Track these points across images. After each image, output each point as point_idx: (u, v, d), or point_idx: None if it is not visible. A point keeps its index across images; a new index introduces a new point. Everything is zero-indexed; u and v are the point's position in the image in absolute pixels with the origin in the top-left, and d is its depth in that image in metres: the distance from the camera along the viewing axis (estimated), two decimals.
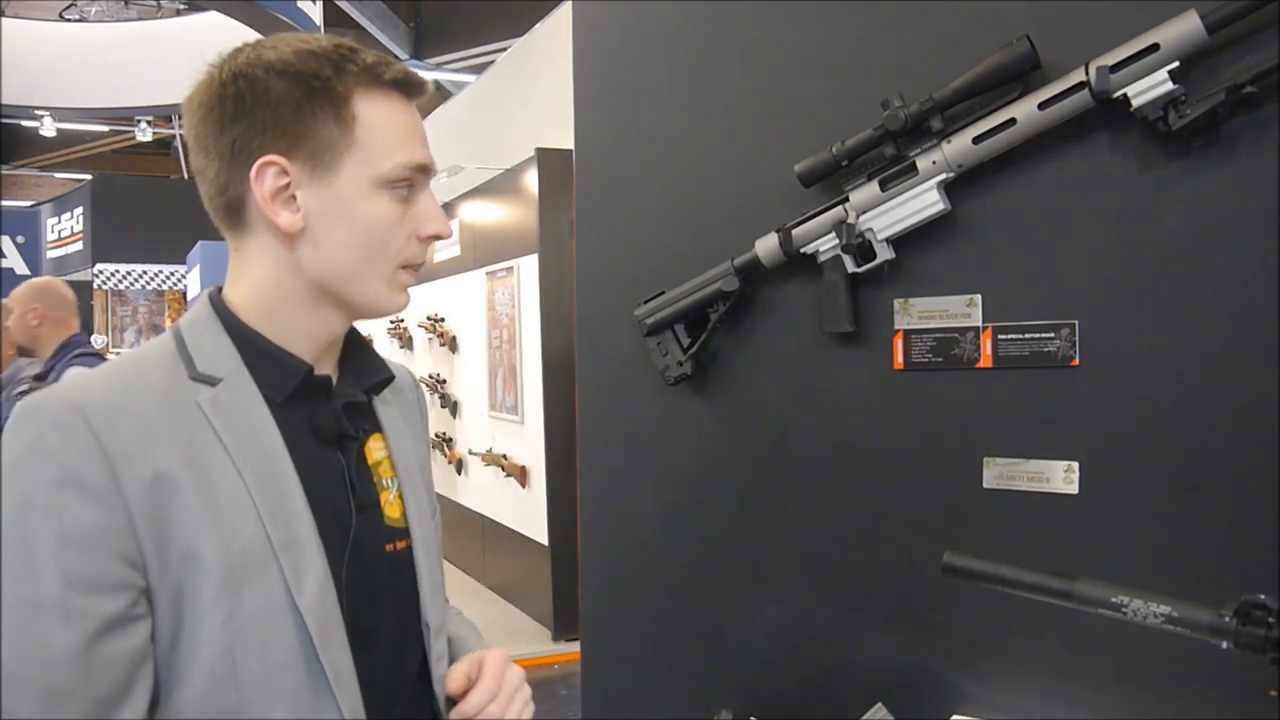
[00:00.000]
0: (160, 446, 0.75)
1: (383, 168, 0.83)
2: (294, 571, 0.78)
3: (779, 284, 1.43)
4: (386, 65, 0.85)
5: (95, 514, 0.72)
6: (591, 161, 1.67)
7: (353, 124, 0.82)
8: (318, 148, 0.81)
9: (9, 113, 9.43)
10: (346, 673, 0.80)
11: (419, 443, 1.01)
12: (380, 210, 0.83)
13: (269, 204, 0.82)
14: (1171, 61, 1.04)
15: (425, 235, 0.87)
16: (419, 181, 0.86)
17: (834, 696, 1.38)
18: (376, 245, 0.84)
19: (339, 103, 0.81)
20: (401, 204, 0.85)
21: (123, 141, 12.94)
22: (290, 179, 0.82)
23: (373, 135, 0.82)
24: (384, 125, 0.83)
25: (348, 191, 0.82)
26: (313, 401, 0.86)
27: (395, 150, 0.83)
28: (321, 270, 0.84)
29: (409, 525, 0.92)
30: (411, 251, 0.86)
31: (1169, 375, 1.12)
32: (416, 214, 0.86)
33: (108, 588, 0.72)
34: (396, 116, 0.84)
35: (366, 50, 0.85)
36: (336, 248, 0.83)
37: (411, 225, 0.86)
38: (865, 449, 1.35)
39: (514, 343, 4.77)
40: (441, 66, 9.15)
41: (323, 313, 0.87)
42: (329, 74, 0.81)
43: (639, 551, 1.61)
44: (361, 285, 0.85)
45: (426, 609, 0.91)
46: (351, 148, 0.82)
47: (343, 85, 0.82)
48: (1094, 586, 0.90)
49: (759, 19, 1.44)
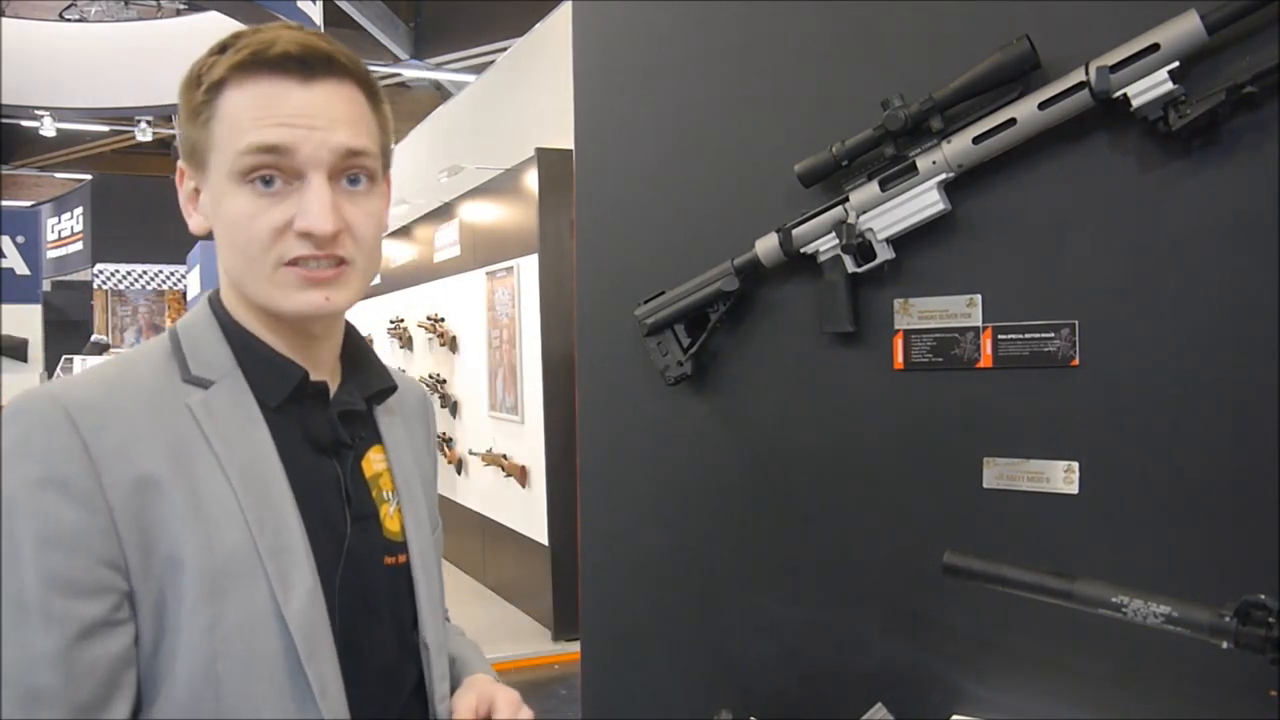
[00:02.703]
0: (147, 449, 0.74)
1: (229, 158, 0.78)
2: (281, 580, 0.76)
3: (779, 284, 1.43)
4: (242, 49, 0.78)
5: (77, 515, 0.71)
6: (591, 161, 1.67)
7: (210, 119, 0.79)
8: (194, 149, 0.81)
9: (9, 113, 9.43)
10: (333, 684, 0.78)
11: (423, 458, 0.98)
12: (237, 206, 0.78)
13: (185, 208, 0.83)
14: (1171, 61, 1.04)
15: (296, 230, 0.78)
16: (288, 168, 0.77)
17: (834, 696, 1.38)
18: (240, 243, 0.79)
19: (206, 99, 0.79)
20: (263, 197, 0.77)
21: (123, 141, 12.93)
22: (195, 183, 0.82)
23: (226, 127, 0.78)
24: (236, 113, 0.78)
25: (216, 189, 0.80)
26: (308, 408, 0.84)
27: (236, 137, 0.77)
28: (224, 272, 0.84)
29: (407, 540, 0.90)
30: (285, 248, 0.78)
31: (1169, 375, 1.11)
32: (292, 207, 0.78)
33: (89, 591, 0.71)
34: (253, 100, 0.77)
35: (254, 35, 0.79)
36: (222, 249, 0.82)
37: (280, 218, 0.78)
38: (865, 449, 1.35)
39: (514, 343, 4.77)
40: (441, 66, 9.14)
41: (263, 316, 0.84)
42: (202, 72, 0.80)
43: (639, 552, 1.61)
44: (250, 286, 0.81)
45: (425, 627, 0.89)
46: (212, 143, 0.79)
47: (210, 80, 0.79)
48: (1094, 586, 0.90)
49: (759, 19, 1.44)
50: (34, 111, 9.46)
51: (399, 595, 0.88)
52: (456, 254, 5.52)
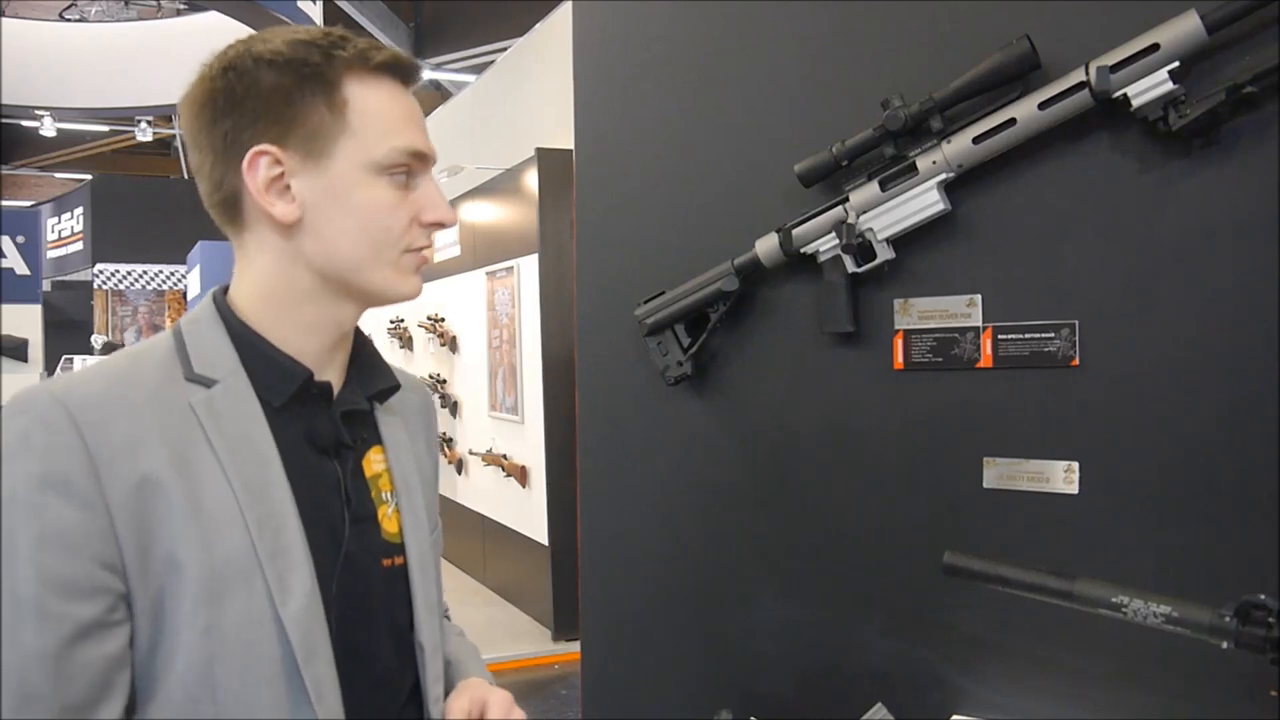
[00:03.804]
0: (148, 448, 0.74)
1: (377, 152, 0.81)
2: (279, 582, 0.76)
3: (779, 284, 1.43)
4: (377, 49, 0.82)
5: (76, 516, 0.71)
6: (591, 161, 1.67)
7: (345, 109, 0.80)
8: (310, 134, 0.79)
9: (9, 113, 9.43)
10: (329, 687, 0.78)
11: (424, 459, 0.98)
12: (377, 196, 0.81)
13: (263, 195, 0.80)
14: (1172, 61, 1.04)
15: (427, 221, 0.85)
16: (417, 168, 0.84)
17: (834, 696, 1.38)
18: (377, 231, 0.82)
19: (329, 88, 0.79)
20: (400, 190, 0.83)
21: (123, 141, 12.94)
22: (284, 168, 0.80)
23: (365, 120, 0.80)
24: (377, 110, 0.81)
25: (343, 178, 0.80)
26: (311, 408, 0.84)
27: (389, 135, 0.81)
28: (324, 260, 0.82)
29: (404, 542, 0.89)
30: (414, 237, 0.84)
31: (1169, 375, 1.11)
32: (417, 200, 0.84)
33: (85, 592, 0.70)
34: (389, 101, 0.83)
35: (357, 37, 0.83)
36: (336, 236, 0.81)
37: (411, 211, 0.84)
38: (865, 449, 1.35)
39: (514, 343, 4.77)
40: (441, 66, 9.15)
41: (331, 305, 0.85)
42: (318, 60, 0.79)
43: (639, 551, 1.61)
44: (367, 273, 0.83)
45: (421, 628, 0.89)
46: (344, 133, 0.80)
47: (333, 71, 0.80)
48: (1094, 586, 0.89)
49: (759, 19, 1.44)
50: (34, 111, 9.47)
51: (396, 597, 0.88)
52: (457, 254, 5.52)
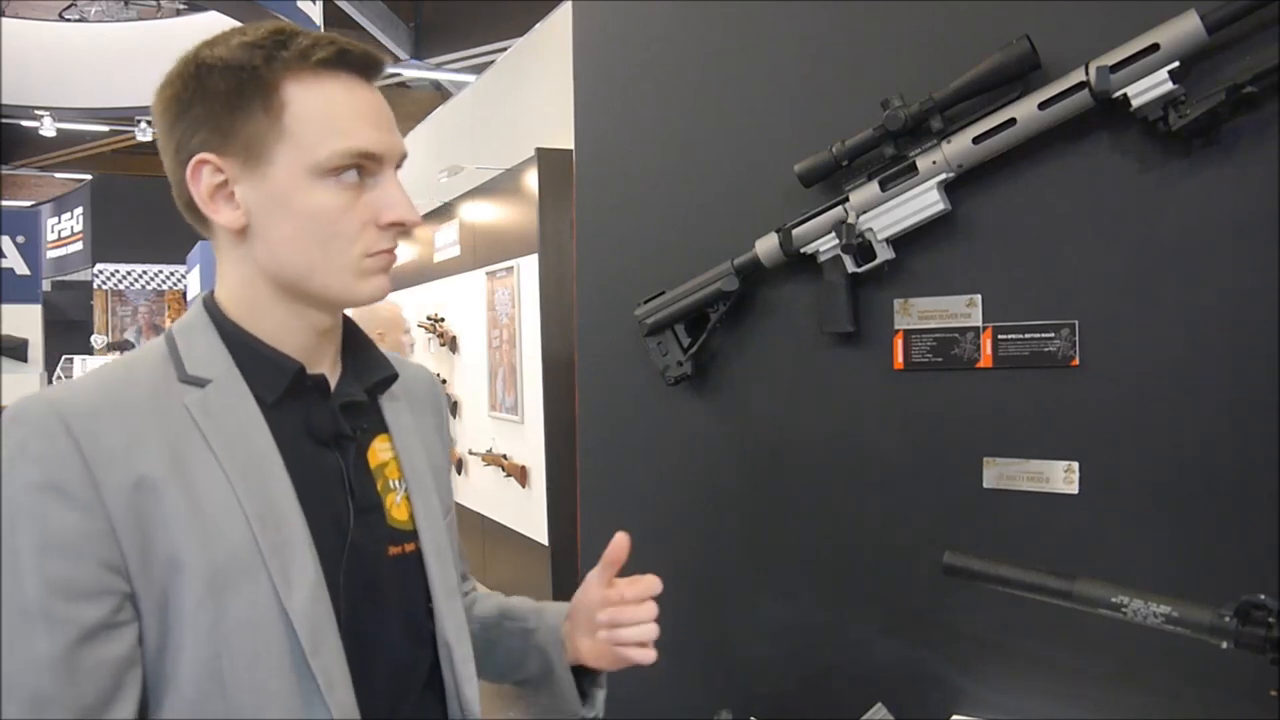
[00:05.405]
0: (143, 450, 0.74)
1: (319, 155, 0.78)
2: (283, 576, 0.76)
3: (779, 284, 1.43)
4: (323, 45, 0.79)
5: (76, 520, 0.71)
6: (591, 161, 1.67)
7: (282, 112, 0.78)
8: (248, 141, 0.78)
9: (9, 113, 9.42)
10: (339, 677, 0.78)
11: (434, 443, 0.98)
12: (322, 200, 0.79)
13: (207, 204, 0.80)
14: (1171, 61, 1.04)
15: (385, 223, 0.82)
16: (371, 167, 0.81)
17: (834, 696, 1.38)
18: (324, 237, 0.80)
19: (267, 92, 0.78)
20: (351, 191, 0.80)
21: (123, 141, 12.93)
22: (226, 175, 0.79)
23: (304, 123, 0.78)
24: (318, 111, 0.79)
25: (283, 184, 0.79)
26: (308, 402, 0.84)
27: (332, 136, 0.78)
28: (275, 266, 0.82)
29: (417, 528, 0.90)
30: (371, 240, 0.81)
31: (1169, 375, 1.11)
32: (374, 201, 0.81)
33: (90, 594, 0.71)
34: (333, 100, 0.79)
35: (306, 33, 0.80)
36: (282, 242, 0.80)
37: (367, 213, 0.81)
38: (865, 449, 1.35)
39: (514, 343, 4.77)
40: (441, 66, 9.14)
41: (295, 308, 0.84)
42: (259, 63, 0.78)
43: (639, 552, 1.60)
44: (321, 278, 0.81)
45: (444, 619, 0.89)
46: (282, 137, 0.78)
47: (271, 73, 0.78)
48: (1094, 586, 0.89)
49: (759, 19, 1.44)
50: (34, 111, 9.45)
51: (406, 584, 0.88)
52: (456, 254, 5.51)
